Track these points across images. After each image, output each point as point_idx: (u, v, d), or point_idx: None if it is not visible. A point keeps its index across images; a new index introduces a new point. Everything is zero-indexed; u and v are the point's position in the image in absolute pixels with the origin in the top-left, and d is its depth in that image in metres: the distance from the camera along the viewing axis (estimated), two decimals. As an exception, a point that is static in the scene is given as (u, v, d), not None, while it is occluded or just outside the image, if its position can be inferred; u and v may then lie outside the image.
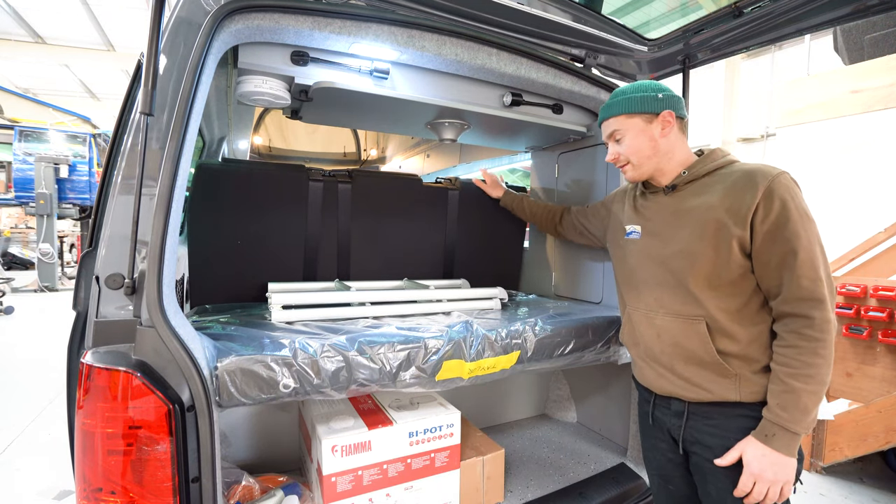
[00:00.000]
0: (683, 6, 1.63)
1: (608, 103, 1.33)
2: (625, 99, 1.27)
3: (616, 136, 1.31)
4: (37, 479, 2.62)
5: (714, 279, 1.16)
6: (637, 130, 1.27)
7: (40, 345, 5.28)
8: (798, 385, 1.05)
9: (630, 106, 1.26)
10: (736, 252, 1.13)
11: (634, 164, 1.29)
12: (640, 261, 1.34)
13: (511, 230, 2.60)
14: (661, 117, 1.25)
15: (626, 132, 1.28)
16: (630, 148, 1.28)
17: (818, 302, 1.05)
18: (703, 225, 1.18)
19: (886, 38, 2.81)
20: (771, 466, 1.06)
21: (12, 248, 11.27)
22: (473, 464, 1.65)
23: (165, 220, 0.99)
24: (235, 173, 1.92)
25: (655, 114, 1.25)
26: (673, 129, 1.26)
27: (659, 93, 1.25)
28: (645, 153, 1.27)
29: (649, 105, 1.25)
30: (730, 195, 1.15)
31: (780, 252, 1.08)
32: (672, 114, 1.25)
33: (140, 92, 0.92)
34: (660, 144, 1.26)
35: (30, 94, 11.85)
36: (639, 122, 1.27)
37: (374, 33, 1.40)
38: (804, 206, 1.10)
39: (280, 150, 4.07)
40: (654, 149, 1.26)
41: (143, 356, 0.96)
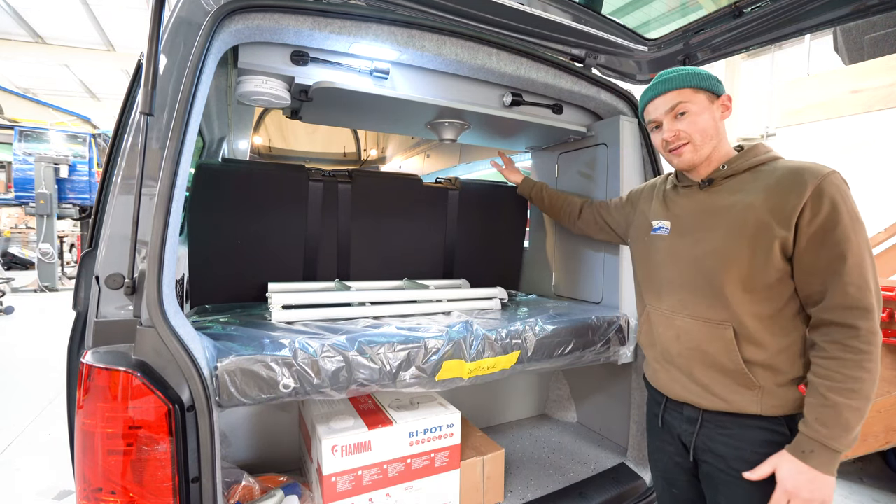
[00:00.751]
0: (683, 6, 1.63)
1: (671, 75, 1.19)
2: (693, 73, 1.16)
3: (679, 110, 1.17)
4: (37, 479, 2.62)
5: (749, 282, 1.09)
6: (703, 107, 1.16)
7: (40, 345, 5.28)
8: (840, 400, 0.96)
9: (698, 79, 1.16)
10: (777, 255, 1.05)
11: (697, 143, 1.17)
12: (665, 259, 1.27)
13: (511, 230, 2.60)
14: (722, 100, 1.18)
15: (692, 106, 1.16)
16: (695, 125, 1.16)
17: (865, 311, 0.97)
18: (741, 224, 1.10)
19: (886, 38, 2.81)
20: (808, 484, 0.98)
21: (12, 248, 11.27)
22: (473, 464, 1.65)
23: (165, 220, 0.99)
24: (235, 173, 1.92)
25: (717, 95, 1.17)
26: (729, 114, 1.19)
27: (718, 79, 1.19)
28: (709, 133, 1.16)
29: (714, 84, 1.17)
30: (774, 194, 1.06)
31: (828, 256, 1.00)
32: (731, 98, 1.19)
33: (140, 92, 0.92)
34: (719, 128, 1.18)
35: (30, 94, 11.84)
36: (705, 99, 1.16)
37: (374, 33, 1.40)
38: (855, 208, 1.02)
39: (280, 150, 4.07)
40: (714, 130, 1.17)
41: (143, 356, 0.96)
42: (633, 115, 1.92)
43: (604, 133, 1.98)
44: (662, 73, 1.21)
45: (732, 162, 1.17)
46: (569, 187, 2.25)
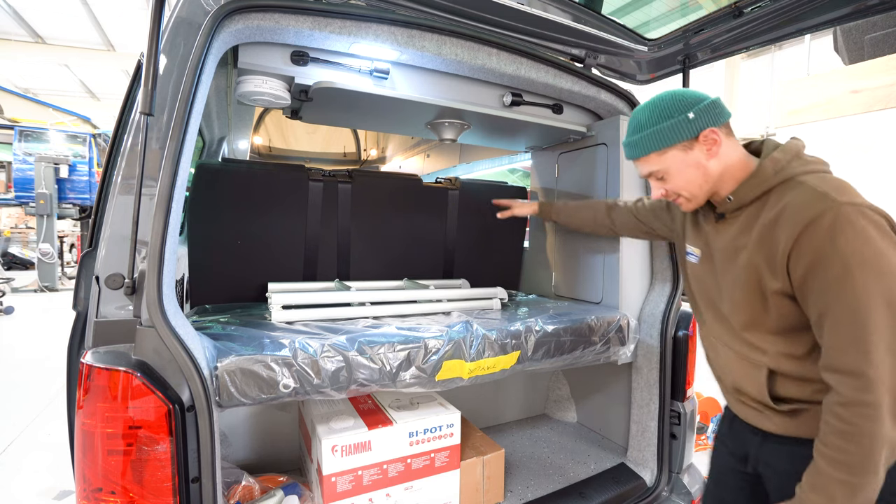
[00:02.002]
0: (683, 6, 1.63)
1: (631, 141, 1.11)
2: (649, 134, 1.06)
3: (657, 175, 1.11)
4: (37, 479, 2.62)
5: (770, 327, 1.00)
6: (679, 163, 1.06)
7: (40, 345, 5.28)
8: (825, 467, 0.87)
9: (658, 141, 1.05)
10: (785, 306, 0.95)
11: (687, 197, 1.10)
12: (698, 287, 1.21)
13: (511, 230, 2.60)
14: (702, 139, 1.03)
15: (666, 169, 1.08)
16: (676, 184, 1.09)
17: (850, 376, 0.84)
18: (743, 271, 1.01)
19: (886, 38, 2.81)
20: None
21: (12, 248, 11.26)
22: (473, 464, 1.65)
23: (165, 220, 0.99)
24: (235, 173, 1.92)
25: (694, 138, 1.03)
26: (720, 145, 1.04)
27: (689, 111, 1.02)
28: (696, 183, 1.07)
29: (682, 132, 1.03)
30: (767, 235, 0.95)
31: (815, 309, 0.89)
32: (714, 130, 1.02)
33: (140, 92, 0.92)
34: (710, 168, 1.05)
35: (30, 94, 11.85)
36: (676, 153, 1.05)
37: (374, 33, 1.40)
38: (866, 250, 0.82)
39: (280, 150, 4.07)
40: (705, 175, 1.06)
41: (143, 356, 0.96)
42: (633, 115, 1.92)
43: (604, 133, 1.98)
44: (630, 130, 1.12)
45: (738, 192, 1.04)
46: (569, 187, 2.25)
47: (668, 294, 1.82)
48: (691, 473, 1.86)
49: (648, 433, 1.86)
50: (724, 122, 1.05)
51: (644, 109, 1.09)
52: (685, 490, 1.78)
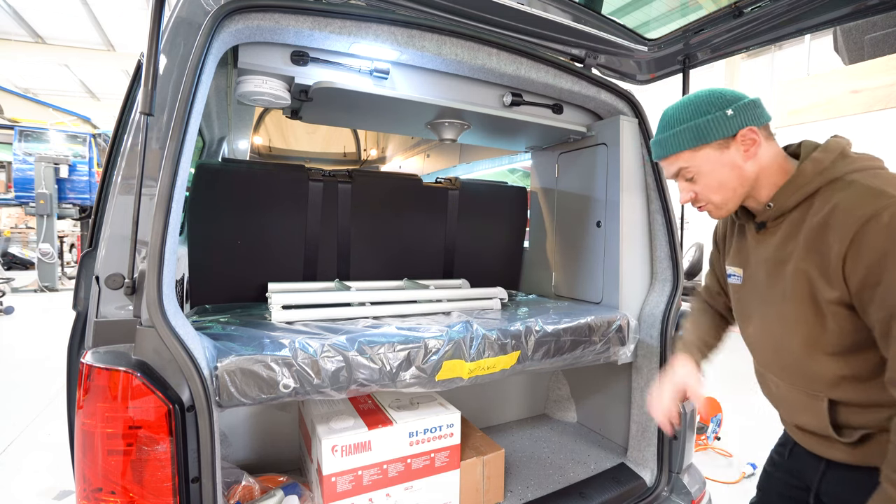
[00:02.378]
0: (683, 6, 1.63)
1: (662, 138, 1.03)
2: (684, 130, 0.99)
3: (685, 176, 1.03)
4: (37, 479, 2.62)
5: (829, 347, 0.91)
6: (713, 163, 0.98)
7: (40, 345, 5.28)
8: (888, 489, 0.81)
9: (696, 137, 0.97)
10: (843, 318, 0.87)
11: (718, 203, 1.02)
12: (741, 312, 1.13)
13: (511, 230, 2.60)
14: (740, 138, 0.96)
15: (698, 168, 1.00)
16: (708, 186, 1.00)
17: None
18: (794, 283, 0.92)
19: (886, 38, 2.81)
20: None
21: (12, 248, 11.27)
22: (473, 464, 1.65)
23: (165, 220, 0.99)
24: (235, 173, 1.92)
25: (732, 136, 0.96)
26: (759, 145, 0.97)
27: (728, 108, 0.96)
28: (730, 186, 0.99)
29: (720, 129, 0.96)
30: (817, 240, 0.88)
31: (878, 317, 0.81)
32: (753, 129, 0.95)
33: (140, 92, 0.92)
34: (746, 170, 0.98)
35: (30, 94, 11.85)
36: (711, 152, 0.98)
37: (374, 33, 1.40)
38: None
39: (280, 150, 4.07)
40: (740, 178, 0.98)
41: (142, 356, 0.96)
42: (634, 115, 1.92)
43: (604, 133, 1.98)
44: (660, 127, 1.04)
45: (778, 197, 0.96)
46: (569, 187, 2.25)
47: (669, 294, 1.82)
48: (691, 473, 1.86)
49: (648, 433, 1.86)
50: (765, 122, 0.98)
51: (678, 106, 1.02)
52: (685, 490, 1.78)
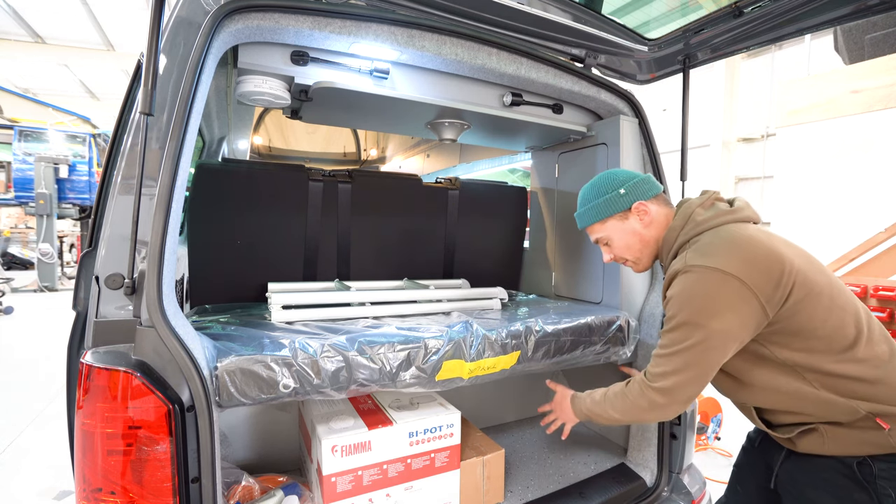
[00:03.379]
0: (683, 6, 1.63)
1: (578, 213, 1.35)
2: (591, 208, 1.30)
3: (602, 241, 1.34)
4: (37, 480, 2.62)
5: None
6: (618, 231, 1.29)
7: (40, 345, 5.28)
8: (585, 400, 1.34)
9: (598, 213, 1.29)
10: None
11: (633, 260, 1.32)
12: None
13: (511, 230, 2.60)
14: (634, 210, 1.26)
15: (609, 236, 1.31)
16: (619, 248, 1.31)
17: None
18: None
19: (887, 38, 2.81)
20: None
21: (12, 248, 11.27)
22: (473, 464, 1.65)
23: (165, 220, 0.99)
24: (235, 173, 1.92)
25: (628, 209, 1.26)
26: (651, 215, 1.26)
27: (620, 188, 1.26)
28: (636, 248, 1.29)
29: (615, 205, 1.26)
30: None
31: None
32: (643, 203, 1.25)
33: (140, 92, 0.92)
34: (646, 235, 1.27)
35: (30, 94, 11.85)
36: (615, 223, 1.29)
37: (374, 33, 1.40)
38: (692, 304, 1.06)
39: (280, 150, 4.07)
40: (642, 241, 1.27)
41: (142, 356, 0.95)
42: (634, 115, 1.92)
43: (604, 133, 1.98)
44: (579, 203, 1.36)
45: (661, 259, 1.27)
46: (569, 187, 2.25)
47: (668, 294, 1.82)
48: (691, 473, 1.86)
49: (648, 433, 1.86)
50: (654, 194, 1.27)
51: (587, 188, 1.34)
52: (685, 490, 1.78)
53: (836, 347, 1.04)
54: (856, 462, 1.05)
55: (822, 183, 5.71)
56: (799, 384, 1.07)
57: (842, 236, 4.59)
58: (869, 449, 1.04)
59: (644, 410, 1.15)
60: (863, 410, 1.03)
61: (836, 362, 1.04)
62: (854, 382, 1.04)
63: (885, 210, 4.84)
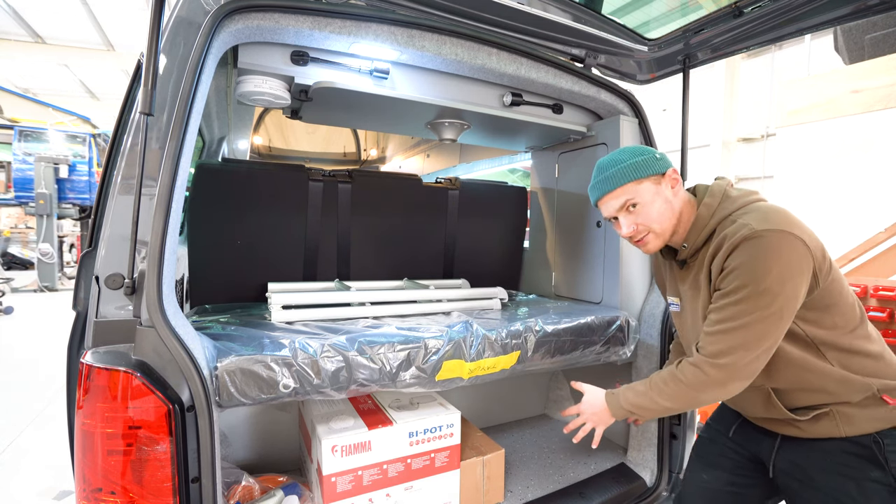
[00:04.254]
0: (683, 6, 1.63)
1: (606, 175, 1.19)
2: (627, 166, 1.17)
3: (629, 204, 1.18)
4: (37, 480, 2.62)
5: None
6: (652, 194, 1.17)
7: (40, 345, 5.28)
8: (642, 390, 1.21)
9: (637, 170, 1.16)
10: None
11: (657, 230, 1.19)
12: (683, 335, 1.32)
13: (511, 230, 2.60)
14: (668, 175, 1.18)
15: (642, 198, 1.17)
16: (649, 215, 1.17)
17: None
18: (705, 305, 1.15)
19: (887, 38, 2.81)
20: None
21: (12, 248, 11.26)
22: (473, 464, 1.65)
23: (165, 220, 0.99)
24: (235, 173, 1.92)
25: (662, 173, 1.17)
26: (680, 184, 1.20)
27: (655, 153, 1.19)
28: (666, 216, 1.18)
29: (655, 166, 1.17)
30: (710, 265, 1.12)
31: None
32: (675, 170, 1.19)
33: (140, 92, 0.92)
34: (675, 205, 1.19)
35: (30, 94, 11.85)
36: (650, 185, 1.17)
37: (374, 33, 1.40)
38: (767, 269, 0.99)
39: (280, 150, 4.07)
40: (671, 210, 1.18)
41: (142, 356, 0.95)
42: (634, 115, 1.92)
43: (604, 133, 1.98)
44: (601, 169, 1.22)
45: (689, 239, 1.19)
46: (569, 187, 2.25)
47: (668, 294, 1.83)
48: (691, 473, 1.86)
49: (648, 433, 1.86)
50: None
51: (613, 154, 1.23)
52: (685, 490, 1.78)
53: (851, 324, 1.08)
54: (871, 440, 1.06)
55: (822, 183, 5.71)
56: (821, 362, 1.07)
57: (842, 236, 4.58)
58: (879, 424, 1.06)
59: (703, 391, 1.07)
60: (874, 386, 1.05)
61: (852, 338, 1.07)
62: (865, 359, 1.07)
63: (885, 210, 4.84)
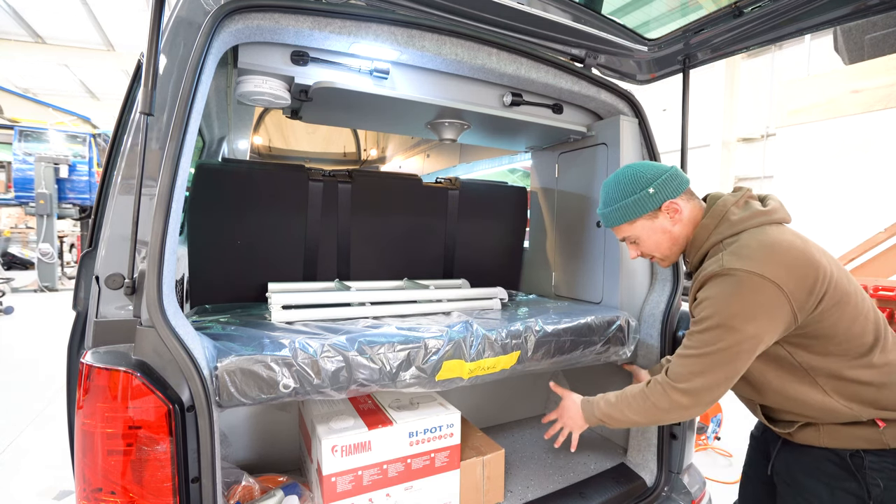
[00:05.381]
0: (683, 6, 1.63)
1: (604, 213, 1.29)
2: (619, 208, 1.24)
3: (630, 241, 1.30)
4: (37, 479, 2.62)
5: None
6: (647, 230, 1.24)
7: (40, 345, 5.28)
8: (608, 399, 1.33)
9: (626, 214, 1.23)
10: None
11: (660, 257, 1.29)
12: None
13: (511, 230, 2.60)
14: (665, 210, 1.21)
15: (637, 235, 1.26)
16: (648, 247, 1.27)
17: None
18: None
19: (886, 38, 2.81)
20: None
21: (12, 248, 11.26)
22: (473, 464, 1.65)
23: (165, 220, 0.99)
24: (235, 173, 1.92)
25: (657, 208, 1.21)
26: (681, 213, 1.21)
27: (650, 187, 1.20)
28: (665, 246, 1.24)
29: (645, 205, 1.21)
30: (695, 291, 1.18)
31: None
32: (673, 202, 1.20)
33: (140, 92, 0.92)
34: (675, 233, 1.23)
35: (30, 94, 11.85)
36: (644, 222, 1.23)
37: (374, 33, 1.40)
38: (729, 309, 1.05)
39: (280, 150, 4.07)
40: (671, 239, 1.23)
41: (142, 356, 0.95)
42: (634, 115, 1.92)
43: (604, 133, 1.98)
44: (602, 201, 1.30)
45: (688, 257, 1.24)
46: (569, 187, 2.25)
47: (669, 294, 1.82)
48: (691, 473, 1.86)
49: (648, 433, 1.86)
50: (683, 190, 1.21)
51: (612, 184, 1.27)
52: (685, 490, 1.78)
53: (853, 353, 1.06)
54: (848, 454, 1.09)
55: (822, 183, 5.71)
56: (808, 388, 1.10)
57: (842, 236, 4.59)
58: (862, 444, 1.08)
59: (665, 411, 1.13)
60: (864, 417, 1.07)
61: (850, 367, 1.07)
62: (862, 387, 1.07)
63: (885, 210, 4.84)
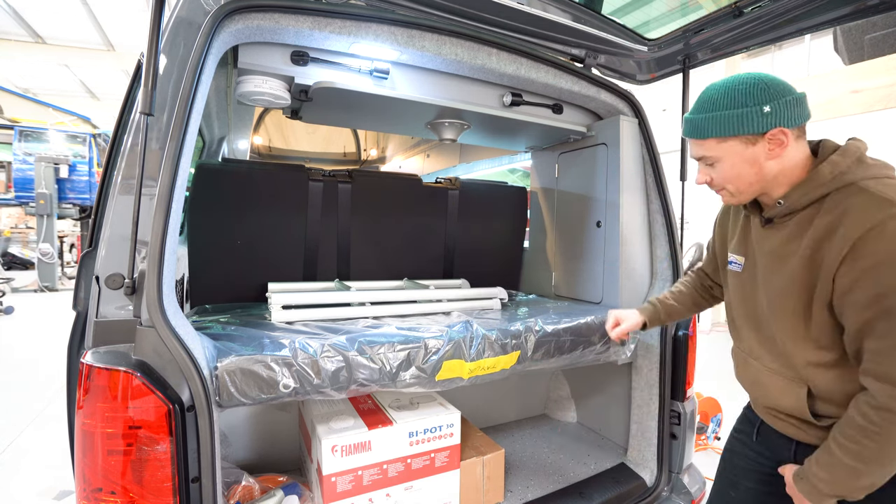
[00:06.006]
0: (683, 6, 1.63)
1: (694, 119, 1.02)
2: (716, 117, 0.97)
3: (706, 161, 1.04)
4: (37, 480, 2.62)
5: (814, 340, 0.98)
6: (735, 156, 0.98)
7: (40, 345, 5.28)
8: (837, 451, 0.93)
9: (724, 127, 0.97)
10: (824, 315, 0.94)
11: (732, 191, 1.04)
12: (737, 297, 1.17)
13: (511, 230, 2.60)
14: (769, 137, 0.95)
15: (719, 157, 1.01)
16: (725, 175, 1.02)
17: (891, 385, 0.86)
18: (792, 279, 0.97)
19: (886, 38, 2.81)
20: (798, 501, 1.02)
21: (12, 248, 11.26)
22: (473, 464, 1.65)
23: (165, 220, 0.99)
24: (235, 173, 1.92)
25: (761, 133, 0.95)
26: (786, 147, 0.96)
27: (765, 105, 0.93)
28: (745, 180, 1.00)
29: (751, 124, 0.94)
30: (821, 240, 0.92)
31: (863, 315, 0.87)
32: (784, 130, 0.94)
33: (140, 92, 0.92)
34: (766, 169, 0.98)
35: (30, 94, 11.84)
36: (736, 145, 0.97)
37: (374, 33, 1.40)
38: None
39: (280, 150, 4.07)
40: (758, 174, 0.99)
41: (142, 356, 0.96)
42: (633, 115, 1.92)
43: (604, 133, 1.98)
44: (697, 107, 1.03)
45: (790, 196, 0.98)
46: (569, 187, 2.25)
47: (668, 294, 1.82)
48: (691, 473, 1.86)
49: (648, 433, 1.86)
50: (801, 123, 0.96)
51: (719, 88, 1.00)
52: (685, 490, 1.78)
53: None
54: None
55: (822, 183, 5.71)
56: None
57: (842, 236, 4.58)
58: None
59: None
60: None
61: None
62: None
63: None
